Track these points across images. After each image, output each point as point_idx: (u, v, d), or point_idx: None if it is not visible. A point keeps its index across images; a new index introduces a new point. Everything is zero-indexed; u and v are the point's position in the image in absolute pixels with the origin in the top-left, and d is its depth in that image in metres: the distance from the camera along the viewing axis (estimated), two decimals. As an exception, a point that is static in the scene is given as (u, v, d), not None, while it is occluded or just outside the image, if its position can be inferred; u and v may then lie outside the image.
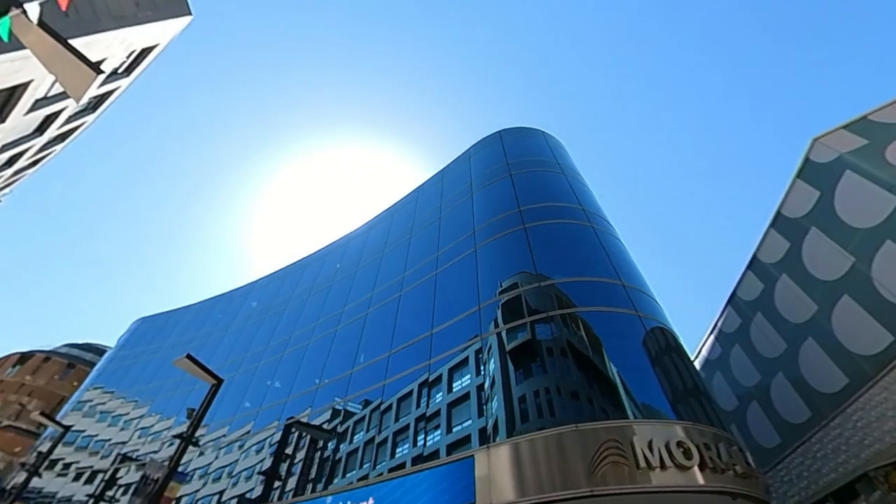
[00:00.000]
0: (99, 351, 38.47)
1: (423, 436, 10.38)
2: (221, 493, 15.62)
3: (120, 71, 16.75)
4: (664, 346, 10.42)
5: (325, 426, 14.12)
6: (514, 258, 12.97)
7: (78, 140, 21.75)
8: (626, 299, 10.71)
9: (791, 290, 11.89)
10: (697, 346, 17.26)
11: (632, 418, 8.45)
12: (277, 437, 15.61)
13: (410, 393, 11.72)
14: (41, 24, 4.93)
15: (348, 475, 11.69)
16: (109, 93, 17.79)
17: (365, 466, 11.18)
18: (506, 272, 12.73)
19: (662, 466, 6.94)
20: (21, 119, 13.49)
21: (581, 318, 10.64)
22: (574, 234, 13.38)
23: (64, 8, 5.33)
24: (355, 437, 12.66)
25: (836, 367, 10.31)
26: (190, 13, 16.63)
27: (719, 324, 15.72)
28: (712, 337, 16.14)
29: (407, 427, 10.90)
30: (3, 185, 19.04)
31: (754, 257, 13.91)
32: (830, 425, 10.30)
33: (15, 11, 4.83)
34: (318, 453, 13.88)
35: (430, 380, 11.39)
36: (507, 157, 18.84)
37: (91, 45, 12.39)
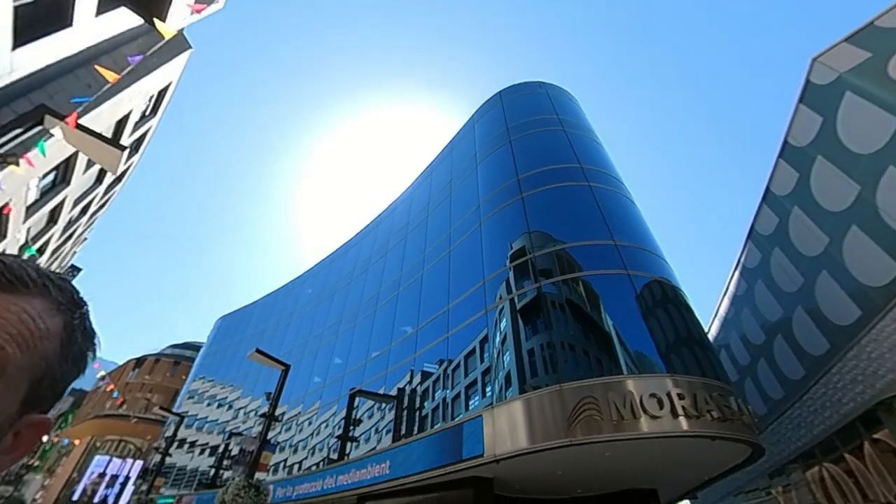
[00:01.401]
0: (195, 347, 44.86)
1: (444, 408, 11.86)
2: (304, 459, 18.59)
3: (147, 114, 18.77)
4: (660, 298, 10.70)
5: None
6: (513, 231, 13.47)
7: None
8: (617, 260, 10.99)
9: (803, 223, 11.24)
10: (725, 281, 16.83)
11: (626, 373, 9.15)
12: (343, 405, 17.92)
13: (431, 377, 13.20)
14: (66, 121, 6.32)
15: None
16: (144, 134, 20.03)
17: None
18: (505, 246, 13.34)
19: (634, 417, 7.70)
20: (82, 177, 15.98)
21: (578, 281, 11.15)
22: (570, 197, 13.49)
23: (72, 128, 6.68)
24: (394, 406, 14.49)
25: (849, 299, 9.94)
26: (190, 47, 17.93)
27: (742, 259, 15.16)
28: (737, 273, 15.64)
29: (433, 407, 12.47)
30: (84, 228, 22.57)
31: (767, 189, 13.07)
32: (847, 357, 10.14)
33: (50, 122, 6.28)
34: (378, 416, 16.00)
35: (449, 369, 12.69)
36: (506, 121, 18.69)
37: (117, 105, 14.21)
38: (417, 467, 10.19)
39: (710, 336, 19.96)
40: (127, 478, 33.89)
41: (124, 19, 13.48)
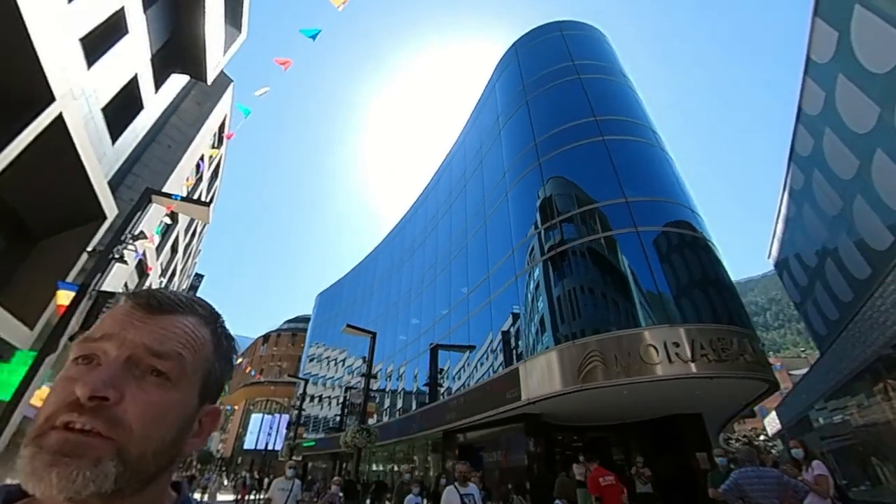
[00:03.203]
0: (305, 320, 52.82)
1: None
2: (400, 405, 22.40)
3: (215, 145, 22.13)
4: (676, 246, 11.12)
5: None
6: (534, 199, 14.24)
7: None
8: (627, 217, 11.47)
9: (835, 145, 10.27)
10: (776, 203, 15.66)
11: (643, 322, 10.17)
12: (425, 360, 20.85)
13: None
14: (166, 195, 9.05)
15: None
16: (219, 162, 23.68)
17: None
18: (528, 214, 14.26)
19: (633, 365, 8.94)
20: (184, 215, 20.02)
21: (598, 241, 11.93)
22: (584, 157, 13.71)
23: (169, 209, 9.36)
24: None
25: (882, 224, 9.36)
26: (231, 81, 20.37)
27: (788, 181, 14.01)
28: (786, 195, 14.54)
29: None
30: (196, 247, 27.89)
31: (800, 109, 11.76)
32: (886, 281, 9.77)
33: (157, 200, 9.01)
34: (450, 371, 18.64)
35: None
36: (522, 79, 18.49)
37: (191, 155, 17.36)
38: (476, 410, 12.75)
39: (772, 258, 18.90)
40: (279, 428, 43.26)
41: (176, 83, 16.09)
